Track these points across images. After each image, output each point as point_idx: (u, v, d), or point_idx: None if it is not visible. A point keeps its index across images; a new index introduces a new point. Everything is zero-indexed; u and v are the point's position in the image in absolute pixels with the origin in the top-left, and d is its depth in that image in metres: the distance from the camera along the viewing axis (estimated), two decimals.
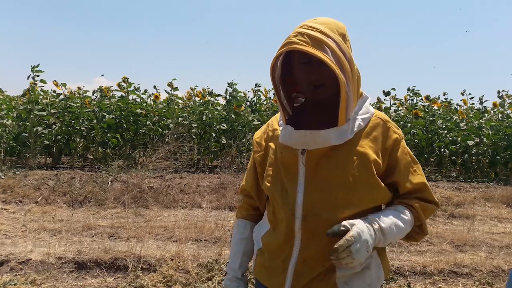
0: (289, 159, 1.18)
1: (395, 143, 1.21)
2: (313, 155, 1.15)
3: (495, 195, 5.74)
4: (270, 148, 1.28)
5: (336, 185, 1.13)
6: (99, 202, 5.02)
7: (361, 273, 1.15)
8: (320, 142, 1.13)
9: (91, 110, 7.38)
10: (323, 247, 1.13)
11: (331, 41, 1.09)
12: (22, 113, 7.09)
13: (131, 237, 3.93)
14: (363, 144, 1.16)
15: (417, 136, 7.56)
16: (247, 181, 1.40)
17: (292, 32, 1.12)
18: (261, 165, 1.30)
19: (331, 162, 1.15)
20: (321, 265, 1.15)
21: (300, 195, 1.16)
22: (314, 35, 1.08)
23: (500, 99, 7.86)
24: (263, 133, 1.35)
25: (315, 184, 1.15)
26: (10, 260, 3.21)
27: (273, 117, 1.37)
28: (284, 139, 1.18)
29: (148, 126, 7.69)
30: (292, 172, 1.18)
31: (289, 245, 1.18)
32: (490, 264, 3.49)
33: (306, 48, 1.06)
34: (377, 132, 1.20)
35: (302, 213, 1.15)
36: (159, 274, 3.07)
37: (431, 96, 8.11)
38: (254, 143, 1.35)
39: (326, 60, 1.06)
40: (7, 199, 4.96)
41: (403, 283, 3.15)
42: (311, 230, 1.15)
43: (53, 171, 5.98)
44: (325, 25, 1.12)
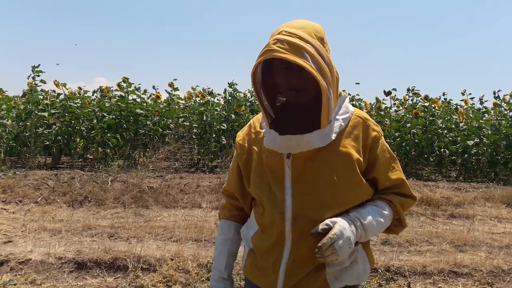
0: (275, 163, 1.21)
1: (374, 141, 1.25)
2: (298, 158, 1.18)
3: (495, 195, 5.74)
4: (253, 150, 1.29)
5: (322, 186, 1.18)
6: (99, 202, 5.02)
7: (349, 267, 1.22)
8: (304, 146, 1.16)
9: (91, 110, 7.38)
10: (312, 246, 1.16)
11: (310, 46, 1.12)
12: (22, 113, 7.09)
13: (131, 237, 3.93)
14: (345, 144, 1.20)
15: (417, 136, 7.56)
16: (230, 182, 1.41)
17: (271, 38, 1.14)
18: (245, 168, 1.32)
19: (316, 164, 1.19)
20: (311, 263, 1.20)
21: (289, 198, 1.19)
22: (293, 42, 1.10)
23: (497, 99, 7.86)
24: (245, 134, 1.35)
25: (302, 186, 1.19)
26: (10, 260, 3.21)
27: (255, 118, 1.37)
28: (269, 144, 1.20)
29: (148, 126, 7.69)
30: (278, 176, 1.21)
31: (280, 247, 1.22)
32: (490, 264, 3.49)
33: (286, 55, 1.08)
34: (358, 130, 1.23)
35: (292, 215, 1.19)
36: (159, 274, 3.07)
37: (431, 96, 8.11)
38: (237, 145, 1.36)
39: (307, 67, 1.08)
40: (7, 199, 4.96)
41: (403, 283, 3.16)
42: (301, 231, 1.19)
43: (53, 171, 5.98)
44: (303, 29, 1.14)
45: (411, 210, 5.22)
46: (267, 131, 1.22)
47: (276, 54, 1.09)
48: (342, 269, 1.20)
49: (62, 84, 7.64)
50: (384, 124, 7.73)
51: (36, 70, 6.94)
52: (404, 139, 7.67)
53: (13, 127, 7.44)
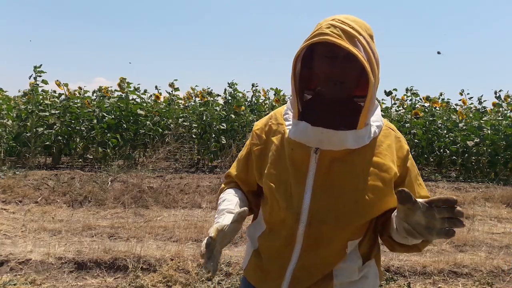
0: (300, 157, 1.11)
1: (406, 154, 1.17)
2: (326, 156, 1.09)
3: (495, 195, 5.74)
4: (272, 143, 1.20)
5: (347, 192, 1.08)
6: (99, 202, 5.02)
7: (359, 282, 1.15)
8: (336, 143, 1.07)
9: (91, 110, 7.38)
10: (324, 254, 1.11)
11: (363, 38, 1.05)
12: (22, 113, 7.09)
13: (131, 237, 3.93)
14: (379, 152, 1.12)
15: (417, 136, 7.56)
16: (237, 170, 1.31)
17: (324, 23, 1.07)
18: (259, 159, 1.22)
19: (345, 167, 1.09)
20: (320, 272, 1.13)
21: (307, 198, 1.09)
22: (347, 30, 1.04)
23: (498, 99, 7.86)
24: (264, 125, 1.26)
25: (325, 188, 1.09)
26: (10, 260, 3.21)
27: (276, 110, 1.28)
28: (297, 135, 1.10)
29: (148, 126, 7.69)
30: (301, 171, 1.11)
31: (289, 250, 1.13)
32: (490, 264, 3.49)
33: (340, 41, 1.01)
34: (390, 141, 1.16)
35: (308, 218, 1.09)
36: (159, 274, 3.07)
37: (430, 96, 8.12)
38: (254, 135, 1.27)
39: (359, 56, 1.01)
40: (7, 199, 4.96)
41: (403, 283, 3.15)
42: (315, 237, 1.10)
43: (53, 171, 5.97)
44: (356, 22, 1.08)
45: None
46: (295, 123, 1.12)
47: (329, 38, 1.01)
48: (350, 283, 1.13)
49: (64, 84, 7.64)
50: None
51: (38, 70, 6.94)
52: None
53: (13, 127, 7.44)
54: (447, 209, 0.88)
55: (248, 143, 1.30)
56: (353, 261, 1.14)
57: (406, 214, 0.94)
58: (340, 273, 1.13)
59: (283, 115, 1.22)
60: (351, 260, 1.14)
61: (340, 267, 1.13)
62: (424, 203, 0.90)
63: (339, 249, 1.13)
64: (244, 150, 1.32)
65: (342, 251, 1.13)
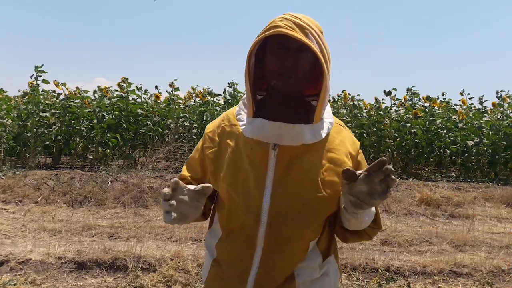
0: (259, 155, 1.09)
1: (358, 149, 1.20)
2: (284, 153, 1.08)
3: (495, 195, 5.74)
4: (226, 145, 1.16)
5: (306, 189, 1.08)
6: (99, 202, 5.02)
7: (320, 279, 1.15)
8: (294, 138, 1.06)
9: (91, 110, 7.38)
10: (285, 255, 1.10)
11: (314, 32, 1.06)
12: (22, 113, 7.09)
13: (131, 237, 3.93)
14: (333, 148, 1.13)
15: (417, 136, 7.56)
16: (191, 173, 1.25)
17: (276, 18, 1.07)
18: (214, 163, 1.18)
19: (303, 164, 1.09)
20: (282, 275, 1.11)
21: (267, 198, 1.07)
22: (299, 23, 1.04)
23: (499, 99, 7.86)
24: (216, 127, 1.22)
25: (285, 186, 1.08)
26: (10, 260, 3.21)
27: (228, 111, 1.25)
28: (254, 132, 1.07)
29: (148, 126, 7.69)
30: (260, 170, 1.09)
31: (249, 254, 1.10)
32: (490, 264, 3.49)
33: (292, 32, 1.01)
34: (342, 136, 1.18)
35: (268, 219, 1.07)
36: (159, 274, 3.07)
37: (430, 96, 8.11)
38: (206, 138, 1.22)
39: (312, 46, 1.01)
40: (7, 199, 4.96)
41: (403, 283, 3.16)
42: (275, 238, 1.09)
43: (53, 171, 5.97)
44: (307, 19, 1.08)
45: (411, 210, 5.22)
46: (250, 121, 1.09)
47: (282, 30, 1.01)
48: (312, 281, 1.13)
49: (62, 84, 7.64)
50: (384, 124, 7.74)
51: (39, 70, 6.94)
52: (404, 139, 7.67)
53: (13, 127, 7.44)
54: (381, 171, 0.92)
55: (200, 146, 1.25)
56: (313, 259, 1.14)
57: (349, 187, 0.98)
58: (302, 272, 1.13)
59: (236, 116, 1.19)
60: (311, 258, 1.14)
61: (301, 266, 1.13)
62: (364, 171, 0.95)
63: (300, 249, 1.12)
64: (195, 153, 1.26)
65: (303, 250, 1.13)
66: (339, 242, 1.28)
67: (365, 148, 7.55)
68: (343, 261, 3.44)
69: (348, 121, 7.73)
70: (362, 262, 3.42)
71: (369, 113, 7.97)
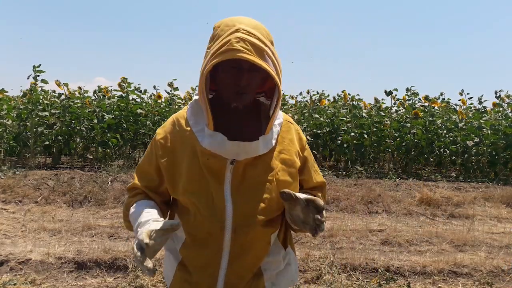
0: (216, 166, 1.13)
1: (304, 145, 1.28)
2: (239, 163, 1.14)
3: (494, 195, 5.74)
4: (182, 153, 1.17)
5: (262, 192, 1.14)
6: (99, 202, 5.02)
7: (284, 270, 1.24)
8: (250, 153, 1.13)
9: (91, 110, 7.38)
10: (252, 255, 1.16)
11: (269, 49, 1.09)
12: (22, 113, 7.09)
13: (131, 237, 3.93)
14: (283, 149, 1.20)
15: (417, 136, 7.56)
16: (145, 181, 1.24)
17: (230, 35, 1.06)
18: (169, 172, 1.18)
19: (256, 170, 1.15)
20: (250, 271, 1.17)
21: (229, 206, 1.12)
22: (255, 43, 1.06)
23: (498, 99, 7.86)
24: (168, 133, 1.21)
25: (242, 193, 1.13)
26: (10, 260, 3.21)
27: (177, 114, 1.24)
28: (214, 147, 1.11)
29: (148, 126, 7.69)
30: (219, 180, 1.13)
31: (217, 258, 1.14)
32: (490, 264, 3.49)
33: (252, 58, 1.04)
34: (291, 134, 1.24)
35: (232, 225, 1.12)
36: (159, 274, 3.07)
37: (429, 96, 8.11)
38: (158, 145, 1.21)
39: (272, 74, 1.06)
40: (7, 199, 4.96)
41: (402, 283, 3.16)
42: (241, 241, 1.13)
43: (53, 171, 5.97)
44: (258, 30, 1.10)
45: (411, 210, 5.22)
46: (211, 134, 1.12)
47: (243, 55, 1.03)
48: (278, 273, 1.21)
49: (64, 84, 7.64)
50: (384, 124, 7.74)
51: (37, 70, 6.93)
52: (404, 139, 7.67)
53: (13, 127, 7.44)
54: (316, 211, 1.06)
55: (151, 151, 1.23)
56: (277, 252, 1.23)
57: (289, 207, 1.12)
58: (268, 267, 1.20)
59: (187, 121, 1.20)
60: (275, 252, 1.22)
61: (267, 261, 1.20)
62: (304, 200, 1.07)
63: (264, 245, 1.19)
64: (148, 160, 1.24)
65: (267, 244, 1.20)
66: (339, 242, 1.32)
67: (365, 148, 7.55)
68: (343, 261, 3.44)
69: (348, 121, 7.73)
70: (362, 262, 3.42)
71: (369, 113, 7.97)
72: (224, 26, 1.10)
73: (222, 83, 1.15)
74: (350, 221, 4.69)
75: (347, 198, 5.34)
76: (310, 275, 3.20)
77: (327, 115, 8.16)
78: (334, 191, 5.51)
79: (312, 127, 7.87)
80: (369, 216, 5.01)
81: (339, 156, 7.96)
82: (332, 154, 8.15)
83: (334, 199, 5.31)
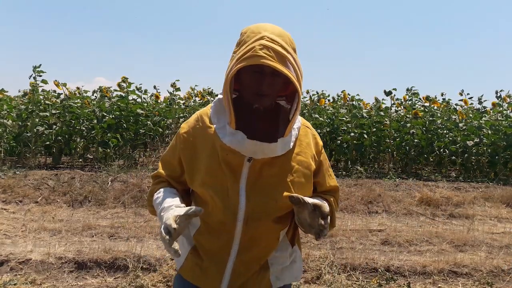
0: (235, 162, 1.21)
1: (320, 149, 1.34)
2: (257, 162, 1.20)
3: (494, 195, 5.75)
4: (202, 147, 1.25)
5: (276, 191, 1.20)
6: (99, 202, 5.03)
7: (290, 267, 1.30)
8: (268, 153, 1.18)
9: (91, 110, 7.38)
10: (260, 247, 1.22)
11: (291, 56, 1.16)
12: (23, 113, 7.09)
13: (131, 237, 3.94)
14: (301, 151, 1.26)
15: (416, 136, 7.56)
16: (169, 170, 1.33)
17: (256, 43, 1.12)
18: (189, 164, 1.27)
19: (273, 169, 1.22)
20: (257, 263, 1.23)
21: (243, 199, 1.19)
22: (278, 50, 1.12)
23: (499, 99, 7.86)
24: (191, 128, 1.30)
25: (257, 189, 1.20)
26: (10, 260, 3.21)
27: (202, 111, 1.32)
28: (233, 144, 1.18)
29: (148, 126, 7.69)
30: (235, 175, 1.20)
31: (227, 247, 1.21)
32: (490, 264, 3.50)
33: (275, 64, 1.10)
34: (308, 138, 1.31)
35: (244, 217, 1.19)
36: (159, 274, 3.07)
37: (430, 96, 8.11)
38: (181, 138, 1.30)
39: (292, 79, 1.12)
40: (7, 199, 4.96)
41: (403, 283, 3.16)
42: (251, 233, 1.20)
43: (53, 171, 5.98)
44: (281, 37, 1.16)
45: (411, 210, 5.22)
46: (232, 132, 1.19)
47: (265, 61, 1.09)
48: (283, 269, 1.27)
49: (62, 84, 7.64)
50: (384, 124, 7.74)
51: (37, 70, 6.93)
52: (404, 139, 7.67)
53: (13, 127, 7.44)
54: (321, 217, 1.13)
55: (175, 144, 1.33)
56: (284, 249, 1.29)
57: (298, 211, 1.19)
58: (275, 261, 1.27)
59: (210, 118, 1.28)
60: (282, 248, 1.29)
61: (274, 256, 1.27)
62: (312, 205, 1.14)
63: (273, 240, 1.26)
64: (172, 152, 1.33)
65: (275, 239, 1.27)
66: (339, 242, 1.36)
67: (365, 148, 7.55)
68: (343, 261, 3.44)
69: (348, 121, 7.73)
70: (362, 262, 3.43)
71: (369, 113, 7.97)
72: (250, 33, 1.17)
73: (244, 85, 1.22)
74: (350, 221, 4.69)
75: (347, 198, 5.34)
76: (310, 275, 3.20)
77: (327, 115, 8.16)
78: None
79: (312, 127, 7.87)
80: (369, 216, 5.01)
81: (339, 156, 7.97)
82: (332, 154, 8.16)
83: None
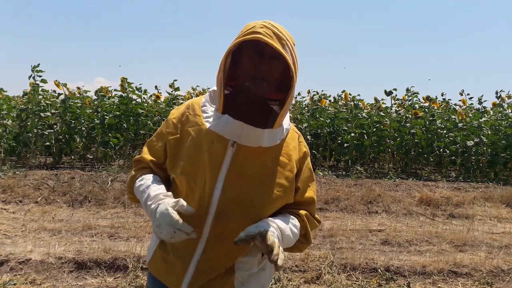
0: (218, 150, 1.16)
1: (304, 157, 1.27)
2: (241, 153, 1.15)
3: (494, 195, 5.75)
4: (188, 134, 1.22)
5: (256, 188, 1.16)
6: (99, 202, 5.03)
7: (257, 273, 1.21)
8: (252, 140, 1.14)
9: (92, 110, 7.38)
10: (228, 248, 1.15)
11: (289, 43, 1.14)
12: (23, 114, 7.09)
13: (131, 237, 3.94)
14: (285, 153, 1.22)
15: (416, 136, 7.56)
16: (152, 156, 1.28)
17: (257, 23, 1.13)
18: (173, 149, 1.23)
19: (256, 165, 1.17)
20: (223, 265, 1.17)
21: (218, 191, 1.14)
22: (277, 33, 1.11)
23: (499, 100, 7.86)
24: (180, 115, 1.27)
25: (236, 182, 1.15)
26: (10, 260, 3.21)
27: (193, 100, 1.29)
28: (218, 128, 1.15)
29: (149, 126, 7.70)
30: (216, 164, 1.15)
31: (195, 241, 1.15)
32: (490, 264, 3.50)
33: (271, 41, 1.08)
34: (294, 143, 1.26)
35: (216, 210, 1.14)
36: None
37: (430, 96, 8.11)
38: (170, 124, 1.27)
39: (287, 57, 1.09)
40: (7, 199, 4.96)
41: (402, 283, 3.16)
42: (220, 230, 1.15)
43: (53, 171, 5.97)
44: (282, 29, 1.15)
45: (411, 210, 5.22)
46: (218, 116, 1.16)
47: (262, 37, 1.08)
48: (250, 275, 1.18)
49: (62, 84, 7.64)
50: (384, 124, 7.74)
51: (36, 70, 6.93)
52: (404, 139, 7.67)
53: (13, 127, 7.44)
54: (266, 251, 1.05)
55: (163, 130, 1.29)
56: (253, 254, 1.18)
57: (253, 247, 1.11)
58: (242, 266, 1.18)
59: (201, 107, 1.25)
60: (251, 253, 1.18)
61: (242, 260, 1.18)
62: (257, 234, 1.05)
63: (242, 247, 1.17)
64: (158, 138, 1.30)
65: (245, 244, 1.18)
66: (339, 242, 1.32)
67: (365, 148, 7.55)
68: (343, 261, 3.44)
69: (348, 121, 7.73)
70: (362, 262, 3.43)
71: (369, 113, 7.97)
72: (254, 22, 1.16)
73: (244, 67, 1.18)
74: (350, 221, 4.69)
75: (347, 198, 5.34)
76: (310, 275, 3.20)
77: (328, 115, 8.17)
78: (334, 191, 5.51)
79: (312, 127, 7.87)
80: (369, 216, 5.01)
81: (339, 156, 7.97)
82: (332, 154, 8.16)
83: (334, 199, 5.31)
